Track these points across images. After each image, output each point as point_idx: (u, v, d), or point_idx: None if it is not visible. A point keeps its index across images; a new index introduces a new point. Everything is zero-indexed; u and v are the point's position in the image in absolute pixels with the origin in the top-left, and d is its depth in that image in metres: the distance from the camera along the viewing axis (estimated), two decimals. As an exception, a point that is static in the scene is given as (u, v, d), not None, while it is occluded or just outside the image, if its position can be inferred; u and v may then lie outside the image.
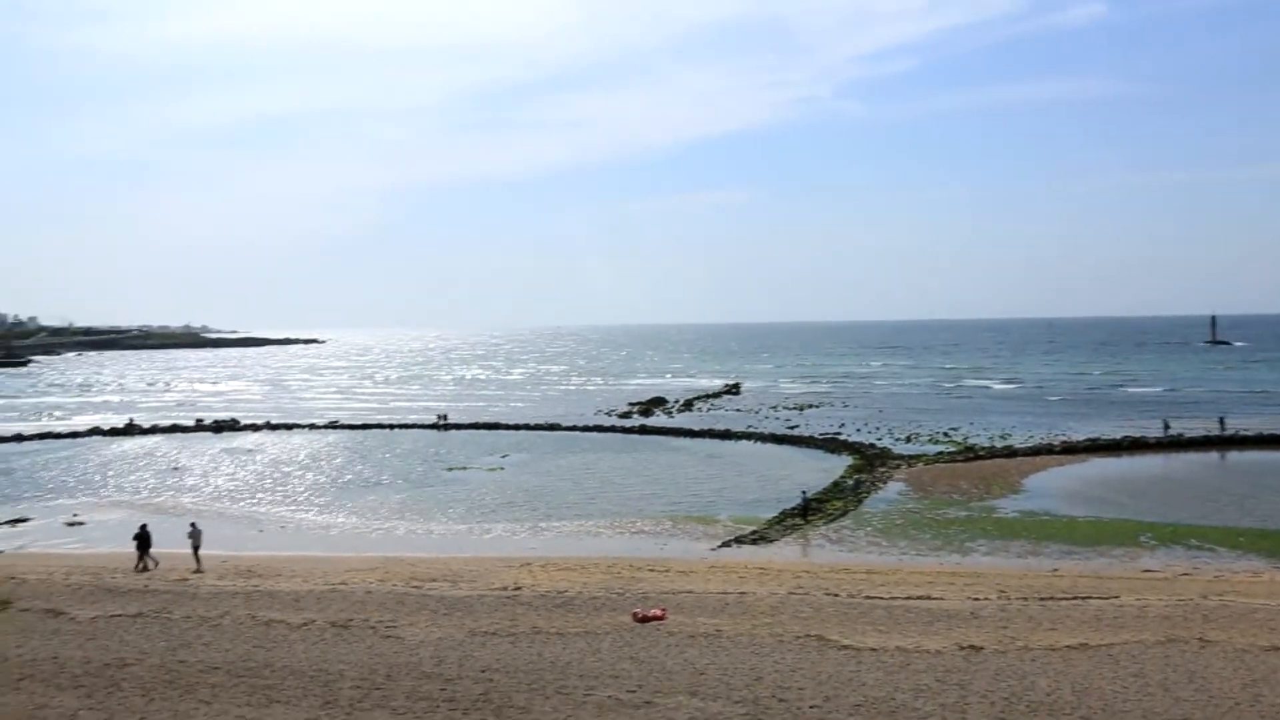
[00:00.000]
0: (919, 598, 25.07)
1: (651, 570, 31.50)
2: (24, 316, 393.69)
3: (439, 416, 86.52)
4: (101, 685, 16.98)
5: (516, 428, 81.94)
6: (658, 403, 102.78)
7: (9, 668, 18.12)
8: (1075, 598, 25.04)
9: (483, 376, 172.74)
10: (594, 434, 78.17)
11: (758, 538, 39.27)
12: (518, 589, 26.75)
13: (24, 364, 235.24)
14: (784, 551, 37.07)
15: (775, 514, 43.25)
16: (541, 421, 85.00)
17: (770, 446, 69.13)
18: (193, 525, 34.67)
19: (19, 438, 77.66)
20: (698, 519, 43.69)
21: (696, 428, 78.51)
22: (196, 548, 33.37)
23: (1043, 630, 20.93)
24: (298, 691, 16.59)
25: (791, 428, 78.29)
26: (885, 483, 50.65)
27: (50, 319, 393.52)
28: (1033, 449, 61.22)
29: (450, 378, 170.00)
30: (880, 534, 39.63)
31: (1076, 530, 39.09)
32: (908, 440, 69.61)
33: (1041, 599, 24.86)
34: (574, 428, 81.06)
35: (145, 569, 31.95)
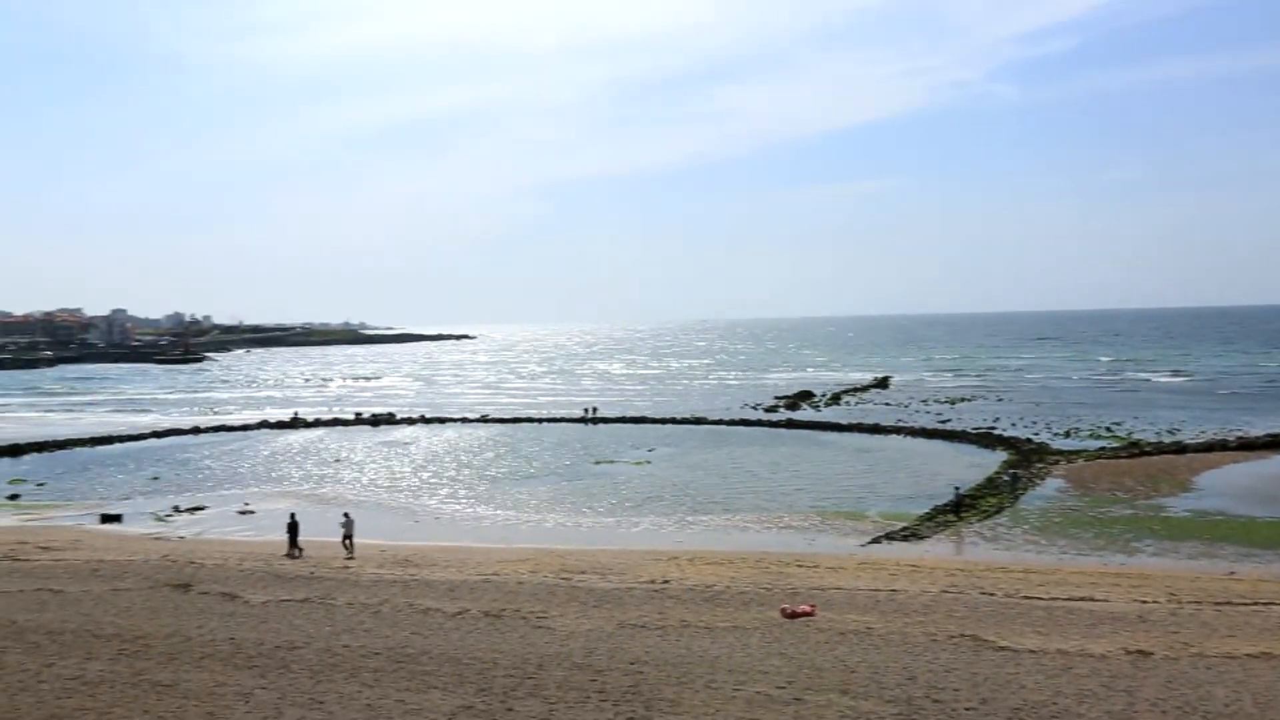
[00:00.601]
0: (1081, 599, 24.06)
1: (800, 565, 31.19)
2: (199, 316, 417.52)
3: (587, 410, 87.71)
4: (273, 666, 17.82)
5: (663, 421, 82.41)
6: (804, 397, 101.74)
7: (191, 646, 19.21)
8: (1256, 603, 23.60)
9: (629, 371, 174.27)
10: (740, 428, 77.96)
11: (909, 534, 38.46)
12: (666, 582, 26.87)
13: (199, 360, 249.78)
14: (936, 549, 36.19)
15: (926, 510, 42.27)
16: (687, 415, 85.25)
17: (921, 441, 67.61)
18: (345, 515, 36.23)
19: (196, 430, 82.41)
20: (846, 514, 43.07)
21: (844, 422, 77.44)
22: (348, 536, 34.89)
23: (1219, 637, 19.79)
24: (454, 678, 17.04)
25: (943, 422, 76.40)
26: (1043, 479, 48.89)
27: (222, 318, 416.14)
28: (1205, 445, 58.08)
29: (596, 371, 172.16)
30: (1038, 532, 38.26)
31: (1256, 531, 36.88)
32: (1066, 435, 67.04)
33: (1217, 604, 23.53)
34: (720, 422, 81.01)
35: (292, 556, 33.64)
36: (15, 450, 69.78)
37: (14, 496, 51.62)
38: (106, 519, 44.26)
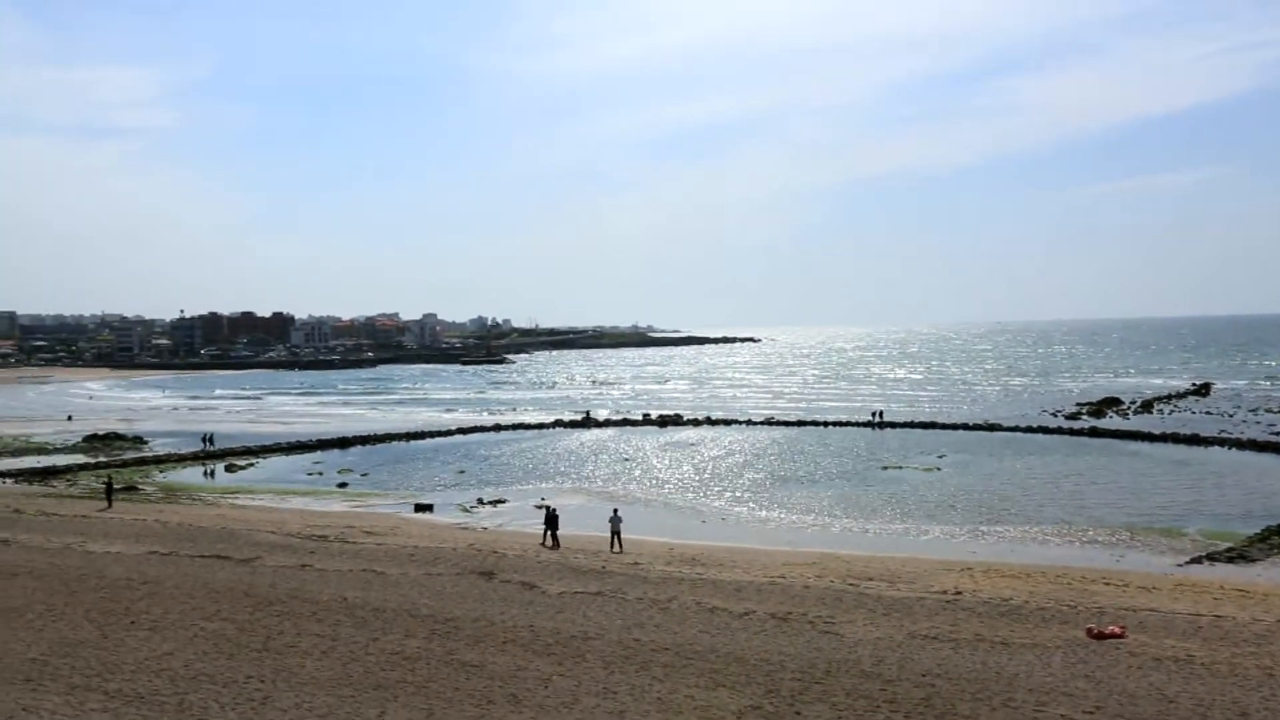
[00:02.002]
0: None
1: (1106, 583, 29.08)
2: (500, 319, 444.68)
3: (874, 414, 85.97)
4: (570, 654, 18.59)
5: (954, 427, 79.48)
6: (1110, 403, 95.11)
7: (495, 631, 20.39)
8: None
9: (915, 374, 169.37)
10: (1038, 435, 73.86)
11: (1236, 555, 34.91)
12: (958, 593, 25.83)
13: (500, 361, 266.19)
14: (1270, 573, 32.64)
15: (1258, 530, 38.26)
16: (980, 421, 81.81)
17: (1250, 455, 61.43)
18: (615, 511, 37.57)
19: (497, 428, 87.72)
20: (1160, 531, 39.77)
21: (1157, 431, 71.54)
22: (616, 532, 36.02)
23: None
24: (741, 678, 17.11)
25: (1278, 433, 68.97)
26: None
27: (521, 321, 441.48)
28: None
29: (880, 375, 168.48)
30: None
31: None
32: None
33: None
34: (1016, 428, 77.12)
35: (548, 546, 35.74)
36: (344, 443, 77.09)
37: (343, 485, 56.91)
38: (420, 508, 47.88)
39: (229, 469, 64.44)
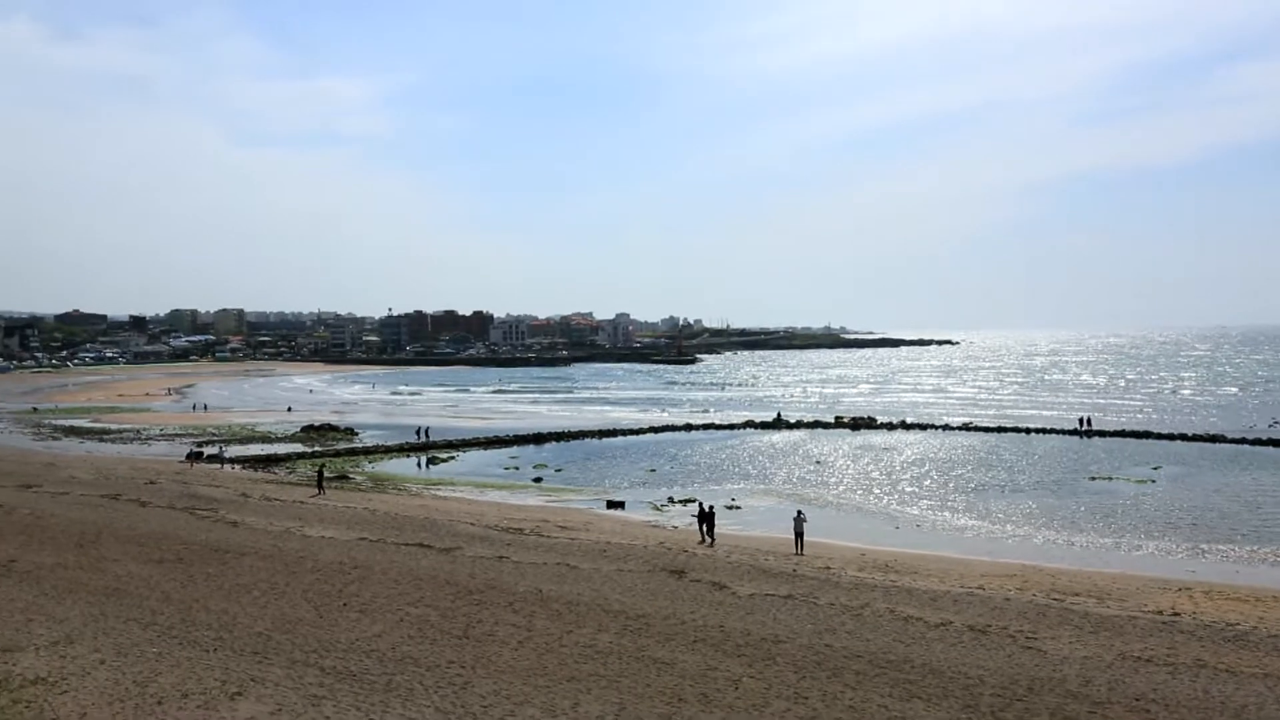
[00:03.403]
0: None
1: (1348, 612, 26.64)
2: (691, 319, 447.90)
3: (1081, 420, 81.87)
4: (760, 657, 18.47)
5: (1170, 437, 74.65)
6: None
7: (685, 629, 20.50)
8: None
9: (1122, 380, 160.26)
10: (1270, 449, 68.40)
11: None
12: (1175, 614, 24.21)
13: (691, 361, 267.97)
14: None
15: None
16: (1201, 432, 76.49)
17: None
18: (799, 513, 37.04)
19: (688, 427, 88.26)
20: None
21: None
22: (799, 534, 35.51)
23: None
24: (938, 690, 16.58)
25: None
26: None
27: (712, 322, 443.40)
28: None
29: (1087, 380, 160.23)
30: None
31: None
32: None
33: None
34: (1244, 440, 71.64)
35: (701, 542, 35.95)
36: (539, 439, 79.27)
37: (538, 480, 58.52)
38: (612, 505, 48.66)
39: (431, 461, 67.32)
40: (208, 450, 69.23)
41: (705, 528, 37.12)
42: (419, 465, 65.94)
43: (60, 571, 24.45)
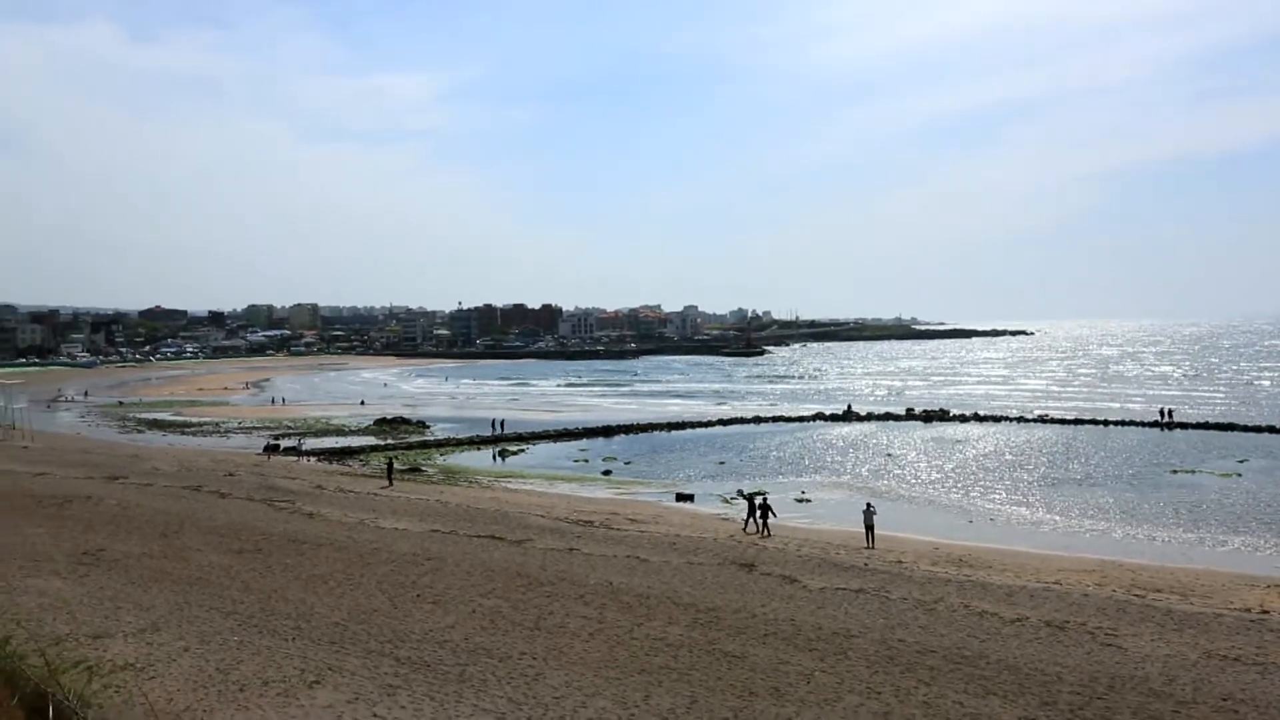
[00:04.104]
0: None
1: None
2: (760, 311, 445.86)
3: (1161, 412, 79.86)
4: (832, 651, 18.33)
5: (1258, 429, 72.42)
6: None
7: (756, 623, 20.42)
8: None
9: (1202, 370, 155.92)
10: (1360, 441, 66.08)
11: None
12: (1264, 613, 23.49)
13: (760, 353, 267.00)
14: None
15: None
16: (1288, 423, 74.16)
17: None
18: (868, 505, 36.72)
19: (756, 420, 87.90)
20: None
21: None
22: (869, 527, 35.21)
23: None
24: (1014, 687, 16.30)
25: None
26: None
27: (781, 314, 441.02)
28: None
29: (1166, 370, 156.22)
30: None
31: None
32: None
33: None
34: (1334, 432, 69.32)
35: (751, 533, 36.46)
36: (607, 431, 79.55)
37: (607, 472, 58.72)
38: (681, 498, 48.66)
39: (501, 454, 67.94)
40: (284, 443, 70.69)
41: (760, 518, 37.34)
42: (494, 458, 66.50)
43: (146, 560, 25.15)
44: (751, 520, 37.95)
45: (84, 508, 34.44)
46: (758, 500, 39.08)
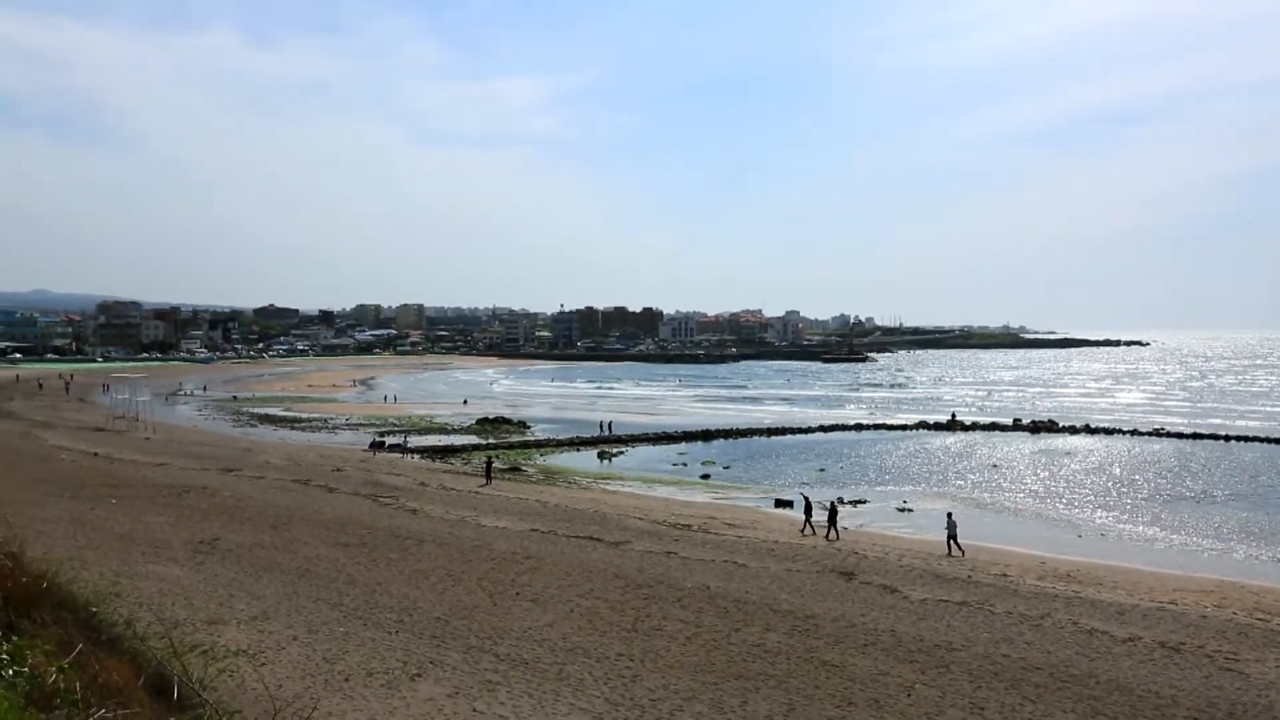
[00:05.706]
0: None
1: None
2: (862, 317, 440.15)
3: (1285, 429, 76.43)
4: (933, 664, 17.96)
5: (1392, 447, 68.77)
6: None
7: (855, 632, 20.12)
8: None
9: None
10: None
11: None
12: (1399, 642, 22.24)
13: (862, 359, 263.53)
14: None
15: None
16: None
17: None
18: (949, 515, 36.21)
19: (858, 427, 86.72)
20: None
21: None
22: (952, 536, 34.66)
23: None
24: (1125, 709, 15.75)
25: None
26: None
27: (884, 320, 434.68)
28: None
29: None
30: None
31: None
32: None
33: None
34: None
35: (811, 532, 37.18)
36: (706, 435, 79.39)
37: (705, 476, 58.57)
38: (780, 504, 48.22)
39: (600, 456, 68.28)
40: (389, 440, 72.28)
41: (828, 521, 37.52)
42: (600, 459, 66.77)
43: (258, 551, 25.97)
44: (809, 524, 38.11)
45: (200, 498, 35.76)
46: (825, 503, 38.88)
